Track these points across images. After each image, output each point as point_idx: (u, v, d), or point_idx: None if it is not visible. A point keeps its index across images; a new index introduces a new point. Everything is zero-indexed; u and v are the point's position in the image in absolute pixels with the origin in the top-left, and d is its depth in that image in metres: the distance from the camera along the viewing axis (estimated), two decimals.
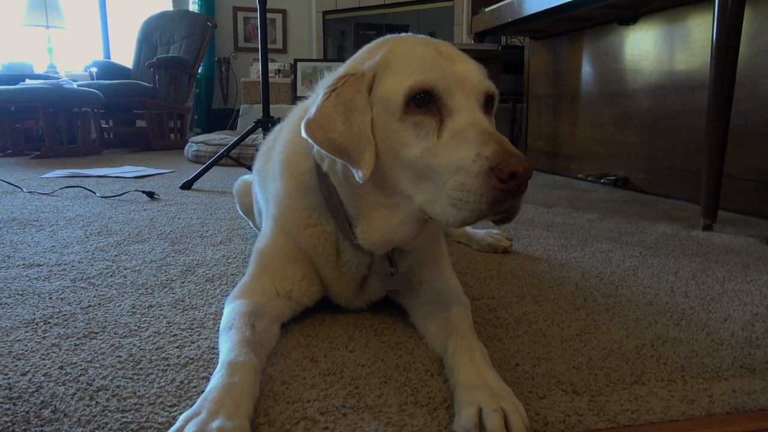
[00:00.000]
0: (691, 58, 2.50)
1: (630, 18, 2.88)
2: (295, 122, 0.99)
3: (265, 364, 0.84)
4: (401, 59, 0.84)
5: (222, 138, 4.16)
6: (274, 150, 1.07)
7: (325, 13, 6.39)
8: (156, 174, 3.40)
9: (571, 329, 1.02)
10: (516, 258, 1.54)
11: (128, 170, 3.47)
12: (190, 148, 4.31)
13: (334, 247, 0.98)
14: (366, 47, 0.92)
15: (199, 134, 5.79)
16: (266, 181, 1.12)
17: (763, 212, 2.09)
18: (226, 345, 0.78)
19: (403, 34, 0.92)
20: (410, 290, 1.03)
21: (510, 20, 3.22)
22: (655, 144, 2.75)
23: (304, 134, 0.85)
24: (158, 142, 5.43)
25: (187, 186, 2.81)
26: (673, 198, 2.59)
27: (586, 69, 3.33)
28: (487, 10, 3.53)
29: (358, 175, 0.82)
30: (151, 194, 2.49)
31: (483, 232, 1.63)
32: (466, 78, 0.81)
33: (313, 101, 0.91)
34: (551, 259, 1.52)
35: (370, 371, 0.83)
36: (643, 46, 2.83)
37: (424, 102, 0.79)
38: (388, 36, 0.92)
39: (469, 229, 1.68)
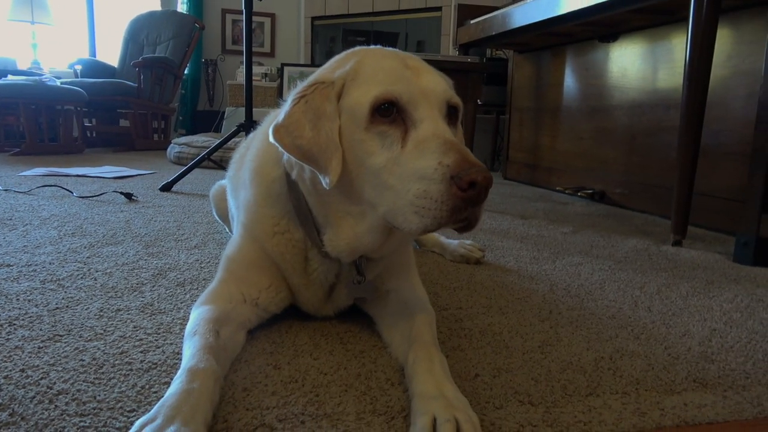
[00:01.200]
0: (670, 77, 2.56)
1: (610, 35, 2.94)
2: (266, 131, 1.00)
3: (228, 370, 0.85)
4: (369, 70, 0.86)
5: (205, 140, 4.15)
6: (246, 157, 1.08)
7: (313, 18, 6.41)
8: (136, 175, 3.38)
9: (534, 341, 1.04)
10: (487, 269, 1.56)
11: (108, 170, 3.44)
12: (173, 150, 4.29)
13: (302, 254, 0.99)
14: (337, 57, 0.94)
15: (183, 135, 5.77)
16: (238, 189, 1.13)
17: (732, 229, 2.15)
18: (189, 351, 0.79)
19: (372, 47, 0.94)
20: (377, 299, 1.05)
21: (494, 33, 3.27)
22: (631, 159, 2.80)
23: (271, 139, 0.86)
24: (141, 143, 5.39)
25: (166, 188, 2.79)
26: (647, 213, 2.64)
27: (568, 83, 3.38)
28: (472, 22, 3.57)
29: (325, 181, 0.84)
30: (129, 195, 2.48)
31: (456, 243, 1.65)
32: (430, 90, 0.84)
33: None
34: (522, 271, 1.54)
35: (331, 379, 0.84)
36: (622, 63, 2.89)
37: (389, 112, 0.81)
38: (358, 48, 0.94)
39: (442, 239, 1.70)
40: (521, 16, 2.97)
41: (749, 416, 0.81)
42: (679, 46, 2.49)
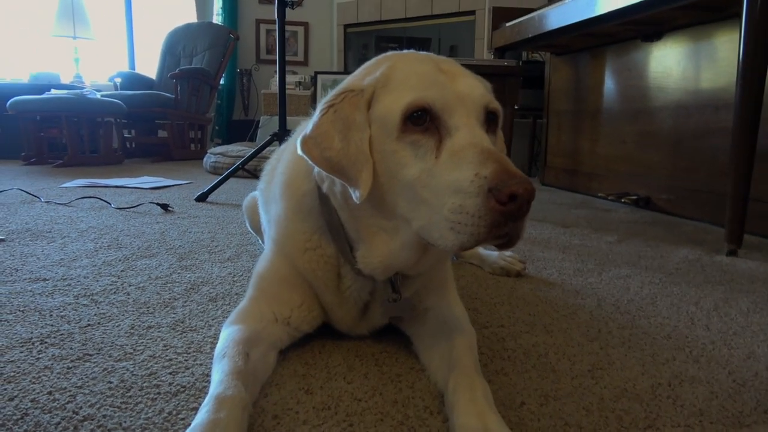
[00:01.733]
0: (716, 76, 2.43)
1: (654, 35, 2.82)
2: (296, 142, 0.97)
3: (259, 395, 0.81)
4: (400, 76, 0.81)
5: (240, 150, 4.18)
6: (277, 170, 1.04)
7: (346, 26, 6.42)
8: (173, 185, 3.42)
9: (583, 364, 0.97)
10: (529, 282, 1.49)
11: (146, 181, 3.49)
12: (209, 160, 4.33)
13: (334, 271, 0.94)
14: (367, 63, 0.89)
15: (219, 145, 5.84)
16: (269, 203, 1.10)
17: None
18: (217, 376, 0.75)
19: (405, 51, 0.89)
20: (414, 318, 0.99)
21: (531, 36, 3.18)
22: (678, 164, 2.67)
23: (299, 152, 0.82)
24: (179, 153, 5.48)
25: (201, 198, 2.81)
26: (696, 220, 2.51)
27: (608, 85, 3.26)
28: (507, 25, 3.49)
29: (356, 195, 0.79)
30: (165, 206, 2.49)
31: (495, 254, 1.59)
32: (466, 95, 0.78)
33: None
34: (566, 285, 1.47)
35: (366, 406, 0.79)
36: (666, 63, 2.76)
37: (422, 120, 0.76)
38: (390, 52, 0.89)
39: (481, 250, 1.63)
40: (558, 17, 2.87)
41: None
42: (726, 45, 2.36)
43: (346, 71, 6.41)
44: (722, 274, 1.60)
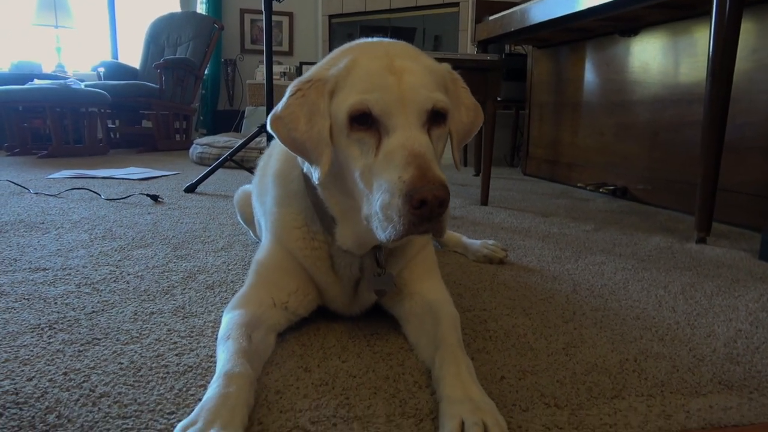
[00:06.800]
0: (691, 71, 2.53)
1: (631, 30, 2.91)
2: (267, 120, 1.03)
3: (261, 373, 0.88)
4: (355, 73, 0.87)
5: (226, 140, 4.21)
6: (269, 164, 1.11)
7: (331, 16, 6.43)
8: (160, 176, 3.45)
9: (558, 343, 1.05)
10: (510, 269, 1.57)
11: (133, 172, 3.51)
12: (195, 150, 4.35)
13: (324, 250, 1.02)
14: (335, 52, 0.96)
15: (204, 135, 5.85)
16: (263, 194, 1.16)
17: (757, 225, 2.12)
18: (224, 355, 0.82)
19: (369, 41, 0.95)
20: (401, 301, 1.07)
21: (513, 30, 3.26)
22: (654, 155, 2.77)
23: (269, 128, 0.90)
24: (164, 143, 5.48)
25: (190, 189, 2.85)
26: (670, 209, 2.62)
27: (588, 79, 3.35)
28: (490, 18, 3.56)
29: (316, 175, 0.88)
30: (155, 197, 2.53)
31: (479, 243, 1.67)
32: (408, 97, 0.83)
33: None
34: (544, 271, 1.55)
35: (361, 382, 0.87)
36: (643, 57, 2.86)
37: (365, 120, 0.83)
38: (356, 42, 0.96)
39: (464, 239, 1.71)
40: (540, 12, 2.95)
41: None
42: (701, 41, 2.46)
43: None
44: (691, 261, 1.70)
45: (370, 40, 0.96)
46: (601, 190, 3.01)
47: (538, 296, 1.33)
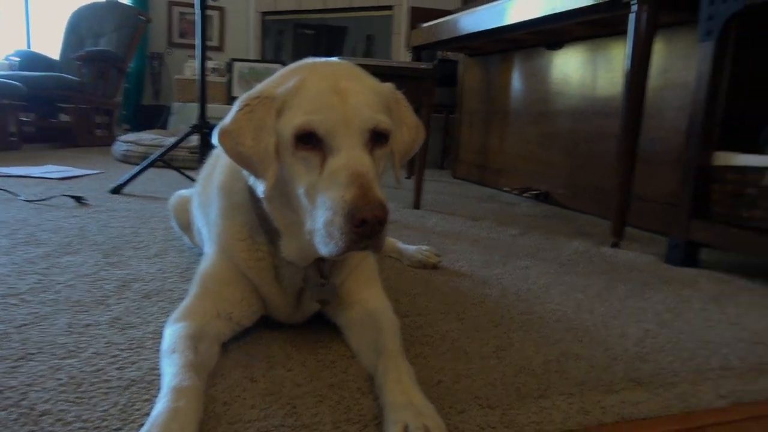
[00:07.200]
0: (609, 85, 2.72)
1: (556, 44, 3.09)
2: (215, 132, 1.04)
3: (207, 384, 0.89)
4: (302, 94, 0.90)
5: (153, 138, 4.07)
6: (213, 175, 1.12)
7: (264, 13, 6.35)
8: (82, 175, 3.29)
9: (489, 346, 1.13)
10: (443, 274, 1.64)
11: (52, 170, 3.33)
12: (119, 148, 4.17)
13: (268, 261, 1.04)
14: (283, 70, 0.99)
15: (128, 131, 5.61)
16: (206, 206, 1.17)
17: (666, 231, 2.32)
18: (170, 369, 0.82)
19: (318, 61, 0.99)
20: (343, 309, 1.11)
21: (445, 38, 3.37)
22: (574, 163, 2.96)
23: (215, 141, 0.92)
24: (84, 138, 5.21)
25: (117, 190, 2.74)
26: (588, 214, 2.81)
27: (516, 88, 3.52)
28: (424, 25, 3.66)
29: (260, 189, 0.91)
30: (79, 199, 2.42)
31: (413, 248, 1.73)
32: (351, 118, 0.88)
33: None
34: (475, 276, 1.64)
35: (306, 390, 0.90)
36: (566, 70, 3.04)
37: (310, 140, 0.88)
38: (305, 62, 1.00)
39: (399, 244, 1.77)
40: (471, 23, 3.07)
41: (676, 411, 0.92)
42: (618, 57, 2.65)
43: (264, 59, 6.34)
44: (606, 264, 1.85)
45: (319, 60, 0.99)
46: (525, 194, 3.18)
47: (469, 301, 1.41)
